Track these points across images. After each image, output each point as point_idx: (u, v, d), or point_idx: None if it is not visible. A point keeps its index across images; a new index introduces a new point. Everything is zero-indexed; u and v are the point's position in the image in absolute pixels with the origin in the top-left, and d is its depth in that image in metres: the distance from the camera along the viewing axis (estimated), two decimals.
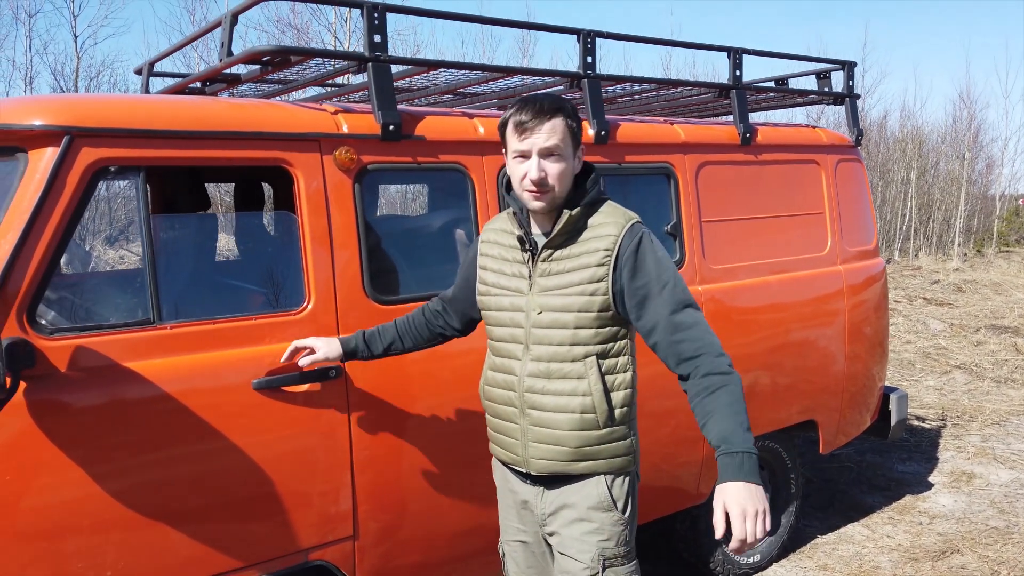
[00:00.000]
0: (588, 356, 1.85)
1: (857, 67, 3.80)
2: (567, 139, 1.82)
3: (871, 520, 4.21)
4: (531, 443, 1.92)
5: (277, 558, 2.20)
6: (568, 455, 1.88)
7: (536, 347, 1.88)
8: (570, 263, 1.86)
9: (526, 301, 1.89)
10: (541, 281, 1.88)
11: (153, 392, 1.99)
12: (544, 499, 1.96)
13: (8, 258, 1.83)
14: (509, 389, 1.94)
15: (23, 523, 1.85)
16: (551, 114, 1.80)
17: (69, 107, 1.97)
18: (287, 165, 2.22)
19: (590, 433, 1.87)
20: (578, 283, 1.84)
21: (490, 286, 1.98)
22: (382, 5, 2.34)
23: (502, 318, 1.94)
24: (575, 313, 1.83)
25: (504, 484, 2.08)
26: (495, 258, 1.99)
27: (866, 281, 3.85)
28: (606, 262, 1.82)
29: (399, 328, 2.18)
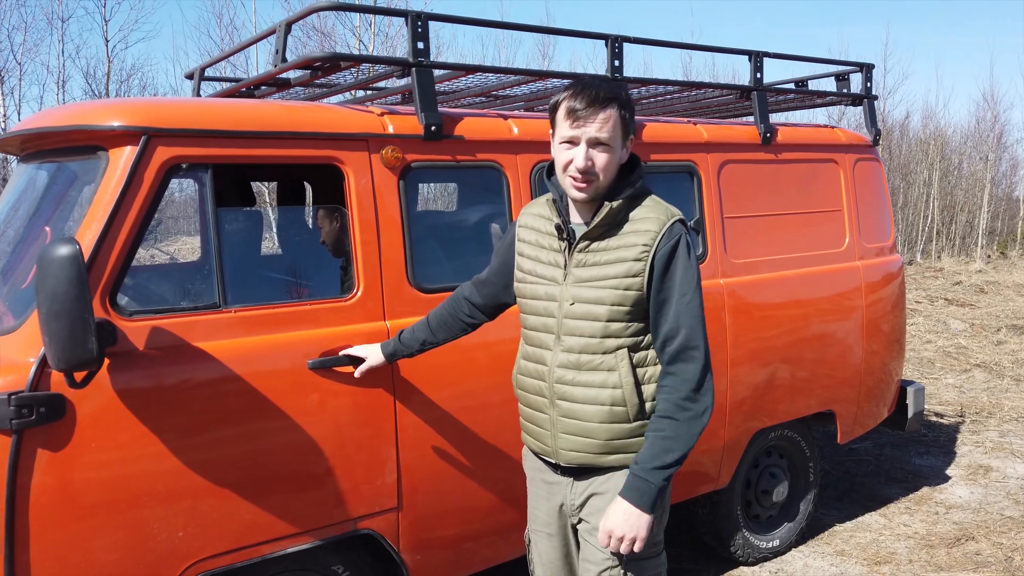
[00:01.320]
0: (619, 349, 1.84)
1: (876, 68, 3.92)
2: (618, 130, 1.79)
3: (888, 510, 4.33)
4: (560, 434, 1.92)
5: (329, 525, 2.37)
6: (598, 448, 1.88)
7: (568, 338, 1.87)
8: (607, 255, 1.83)
9: (560, 291, 1.88)
10: (576, 272, 1.86)
11: (218, 370, 2.17)
12: (573, 490, 1.97)
13: (94, 246, 2.02)
14: (540, 379, 1.94)
15: (104, 488, 2.03)
16: (606, 104, 1.76)
17: (145, 109, 2.16)
18: (338, 163, 2.40)
19: (620, 426, 1.86)
20: (613, 276, 1.82)
21: (526, 273, 1.97)
22: (425, 14, 2.51)
23: (536, 307, 1.94)
24: (608, 306, 1.82)
25: (534, 473, 2.09)
26: (531, 244, 1.97)
27: (883, 277, 3.97)
28: (643, 258, 1.80)
29: (431, 324, 2.25)
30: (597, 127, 1.77)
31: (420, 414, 2.51)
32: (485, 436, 2.64)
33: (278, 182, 3.64)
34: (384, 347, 2.29)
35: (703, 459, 3.32)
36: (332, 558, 2.46)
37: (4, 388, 1.90)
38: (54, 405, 1.95)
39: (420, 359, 2.48)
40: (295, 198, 3.55)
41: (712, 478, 3.40)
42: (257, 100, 2.62)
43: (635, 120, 1.87)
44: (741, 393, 3.36)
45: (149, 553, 2.10)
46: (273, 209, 3.98)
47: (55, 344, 1.77)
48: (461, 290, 2.24)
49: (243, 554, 2.24)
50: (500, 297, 2.16)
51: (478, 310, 2.21)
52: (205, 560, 2.18)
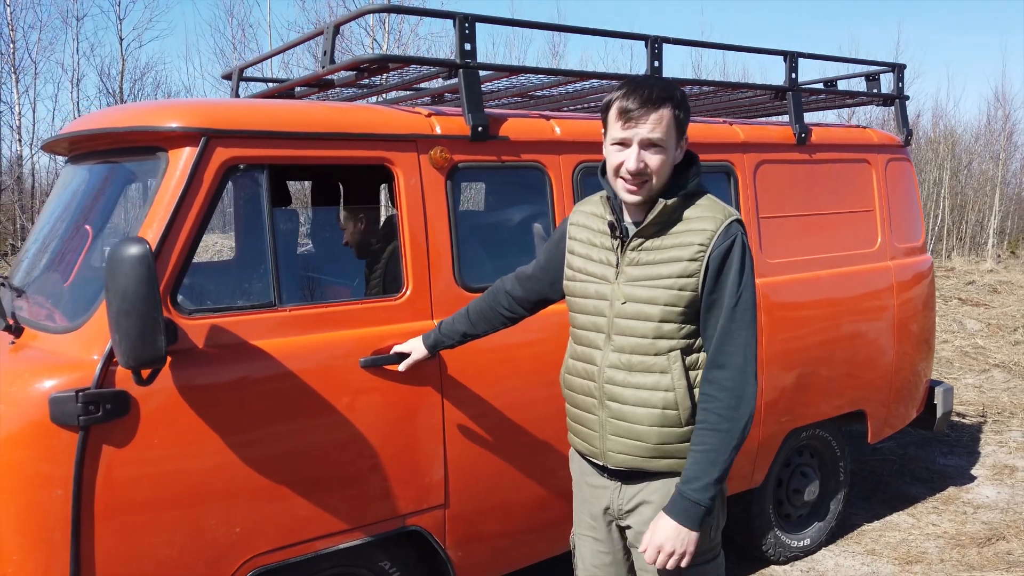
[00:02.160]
0: (672, 351, 1.80)
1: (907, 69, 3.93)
2: (671, 130, 1.75)
3: (916, 509, 4.34)
4: (609, 436, 1.87)
5: (379, 522, 2.40)
6: (647, 451, 1.84)
7: (619, 338, 1.83)
8: (661, 255, 1.79)
9: (611, 290, 1.84)
10: (629, 270, 1.82)
11: (275, 367, 2.20)
12: (622, 494, 1.92)
13: (155, 247, 2.05)
14: (589, 379, 1.91)
15: (166, 484, 2.06)
16: (659, 104, 1.72)
17: (204, 111, 2.19)
18: (389, 164, 2.43)
19: (671, 430, 1.81)
20: (667, 276, 1.78)
21: (576, 271, 1.94)
22: (472, 16, 2.54)
23: (586, 305, 1.90)
24: (661, 306, 1.78)
25: (580, 477, 2.05)
26: (583, 242, 1.94)
27: (914, 277, 3.98)
28: (699, 257, 1.76)
29: (471, 316, 2.24)
30: (650, 128, 1.73)
31: (467, 412, 2.53)
32: (529, 433, 2.66)
33: (312, 182, 3.67)
34: (425, 339, 2.30)
35: (738, 459, 3.32)
36: (380, 555, 2.49)
37: (71, 385, 1.94)
38: (119, 402, 1.98)
39: (466, 358, 2.51)
40: (330, 198, 3.58)
41: (746, 477, 3.42)
42: (309, 101, 2.66)
43: (690, 120, 1.84)
44: (775, 393, 3.38)
45: (207, 548, 2.13)
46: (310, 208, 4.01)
47: (126, 342, 1.80)
48: (502, 283, 2.21)
49: (297, 550, 2.27)
50: (544, 293, 2.12)
51: (518, 304, 2.17)
52: (261, 555, 2.21)
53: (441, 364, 2.48)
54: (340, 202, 3.63)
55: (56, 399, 1.91)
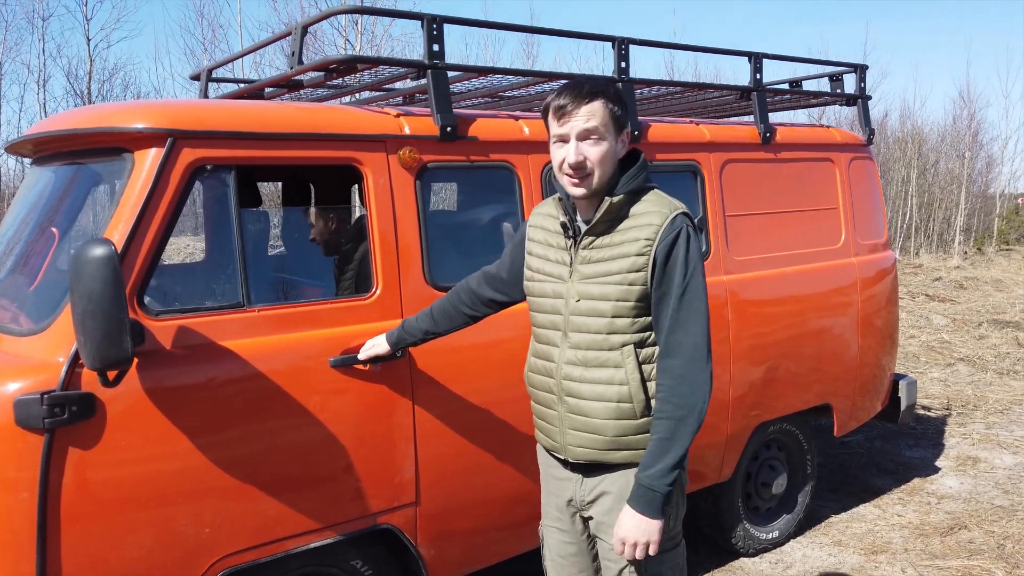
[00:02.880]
0: (625, 345, 1.84)
1: (869, 70, 4.01)
2: (607, 122, 1.80)
3: (882, 501, 4.43)
4: (568, 430, 1.92)
5: (350, 521, 2.41)
6: (605, 444, 1.88)
7: (574, 335, 1.88)
8: (610, 251, 1.84)
9: (566, 288, 1.89)
10: (582, 268, 1.87)
11: (243, 368, 2.20)
12: (583, 486, 1.97)
13: (122, 247, 2.05)
14: (548, 376, 1.96)
15: (133, 485, 2.06)
16: (590, 97, 1.78)
17: (171, 111, 2.19)
18: (358, 164, 2.44)
19: (627, 423, 1.86)
20: (617, 272, 1.82)
21: (534, 271, 1.99)
22: (440, 17, 2.55)
23: (544, 304, 1.95)
24: (613, 302, 1.82)
25: (546, 469, 2.10)
26: (540, 243, 1.99)
27: (877, 273, 4.07)
28: (646, 252, 1.80)
29: (435, 315, 2.27)
30: (584, 119, 1.78)
31: (437, 410, 2.55)
32: (500, 431, 2.69)
33: (283, 183, 3.67)
34: (389, 336, 2.32)
35: (707, 453, 3.39)
36: (352, 553, 2.50)
37: (36, 387, 1.93)
38: (85, 404, 1.97)
39: (437, 356, 2.52)
40: (300, 198, 3.58)
41: (715, 471, 3.47)
42: (278, 102, 2.65)
43: (628, 116, 1.88)
44: (743, 388, 3.43)
45: (177, 549, 2.13)
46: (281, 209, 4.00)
47: (91, 344, 1.79)
48: (467, 282, 2.25)
49: (267, 549, 2.27)
50: (507, 293, 2.17)
51: (481, 304, 2.21)
52: (231, 556, 2.21)
53: (411, 363, 2.49)
54: (312, 203, 3.63)
55: (21, 402, 1.90)
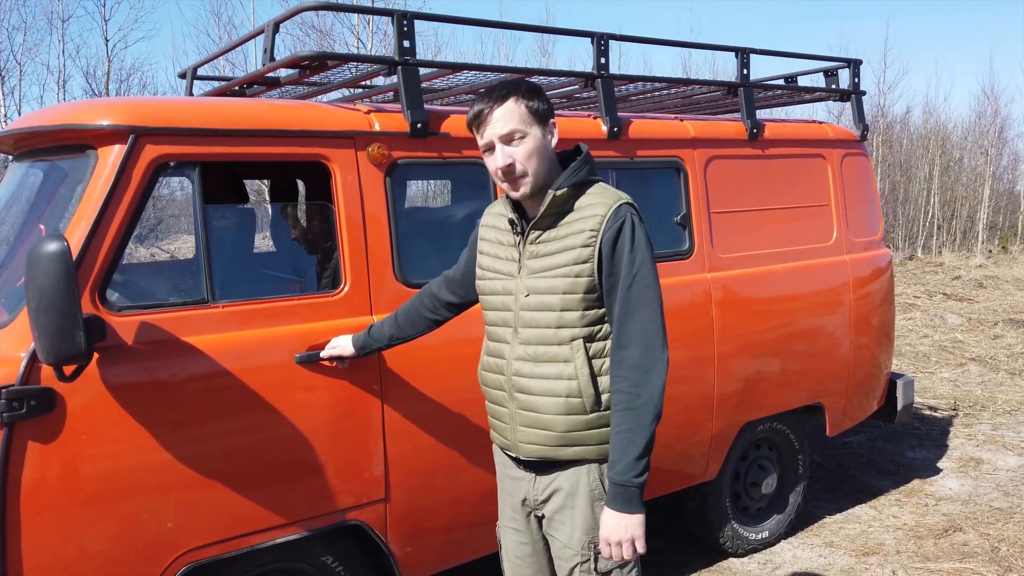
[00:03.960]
0: (575, 339, 1.83)
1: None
2: (526, 119, 1.79)
3: (878, 502, 4.37)
4: (519, 427, 1.91)
5: (317, 516, 2.42)
6: (555, 440, 1.87)
7: (524, 330, 1.88)
8: (556, 245, 1.83)
9: (515, 284, 1.89)
10: (529, 263, 1.87)
11: (207, 364, 2.21)
12: (536, 485, 1.96)
13: (83, 243, 2.06)
14: (499, 373, 1.95)
15: (94, 480, 2.07)
16: (500, 99, 1.78)
17: (133, 108, 2.20)
18: (325, 160, 2.44)
19: (577, 418, 1.85)
20: (563, 264, 1.82)
21: (485, 270, 1.99)
22: (411, 13, 2.55)
23: (494, 302, 1.96)
24: (561, 295, 1.82)
25: (502, 469, 2.09)
26: (491, 242, 2.00)
27: (872, 271, 4.00)
28: (591, 243, 1.79)
29: (399, 320, 2.27)
30: (501, 123, 1.78)
31: (406, 408, 2.55)
32: (472, 430, 2.68)
33: (271, 180, 3.68)
34: (355, 340, 2.32)
35: (691, 452, 3.36)
36: (322, 549, 2.50)
37: None
38: (44, 399, 1.99)
39: (406, 354, 2.52)
40: (287, 196, 3.59)
41: (699, 471, 3.43)
42: (246, 99, 2.67)
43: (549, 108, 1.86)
44: (728, 386, 3.40)
45: (139, 543, 2.14)
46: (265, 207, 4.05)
47: (44, 338, 1.81)
48: (429, 286, 2.26)
49: (231, 544, 2.28)
50: (465, 295, 2.18)
51: (442, 307, 2.22)
52: (194, 551, 2.22)
53: (380, 360, 2.49)
54: (297, 201, 3.64)
55: None
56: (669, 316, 3.11)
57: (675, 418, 3.24)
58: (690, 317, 3.26)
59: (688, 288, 3.26)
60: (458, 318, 2.30)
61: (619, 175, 3.08)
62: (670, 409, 3.22)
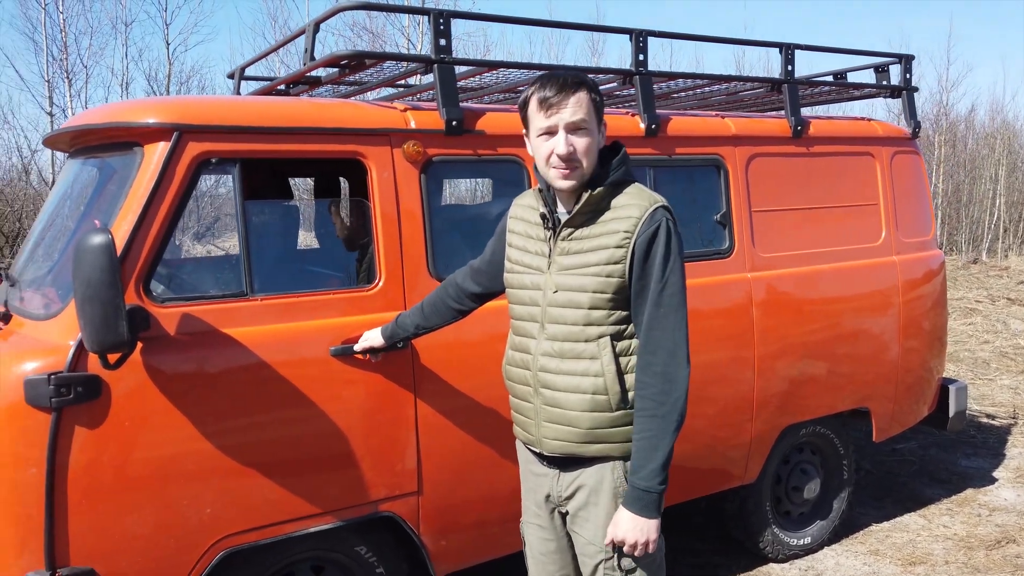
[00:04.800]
0: (602, 337, 1.83)
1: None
2: (592, 113, 1.80)
3: (928, 511, 4.23)
4: (543, 423, 1.91)
5: (351, 507, 2.46)
6: (580, 436, 1.87)
7: (551, 326, 1.88)
8: (589, 243, 1.84)
9: (544, 279, 1.89)
10: (560, 260, 1.87)
11: (245, 355, 2.28)
12: (560, 481, 1.96)
13: (128, 236, 2.14)
14: (524, 368, 1.95)
15: (137, 465, 2.15)
16: (575, 88, 1.78)
17: (178, 107, 2.28)
18: (361, 157, 2.49)
19: (602, 415, 1.85)
20: (595, 263, 1.82)
21: (514, 263, 1.99)
22: (447, 12, 2.58)
23: (522, 296, 1.95)
24: (590, 294, 1.82)
25: (525, 465, 2.09)
26: (520, 235, 1.99)
27: (922, 271, 3.89)
28: (625, 244, 1.80)
29: (425, 310, 2.29)
30: (571, 111, 1.78)
31: (439, 402, 2.57)
32: (504, 425, 2.67)
33: (314, 177, 3.76)
34: (384, 330, 2.35)
35: (729, 453, 3.31)
36: (355, 539, 2.55)
37: (45, 369, 2.04)
38: (91, 385, 2.07)
39: (439, 349, 2.55)
40: (329, 193, 3.66)
41: (739, 473, 3.38)
42: (285, 98, 2.73)
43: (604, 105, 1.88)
44: (769, 388, 3.34)
45: (178, 528, 2.22)
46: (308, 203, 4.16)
47: (89, 328, 1.89)
48: (454, 276, 2.26)
49: (267, 532, 2.34)
50: (490, 286, 2.18)
51: (467, 297, 2.23)
52: (230, 536, 2.29)
53: (414, 354, 2.52)
54: (330, 196, 3.71)
55: (30, 382, 2.01)
56: (708, 316, 3.13)
57: (713, 419, 3.21)
58: (729, 317, 3.21)
59: (728, 288, 3.22)
60: (493, 314, 2.32)
61: (656, 173, 3.05)
62: (708, 409, 3.20)
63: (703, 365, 3.08)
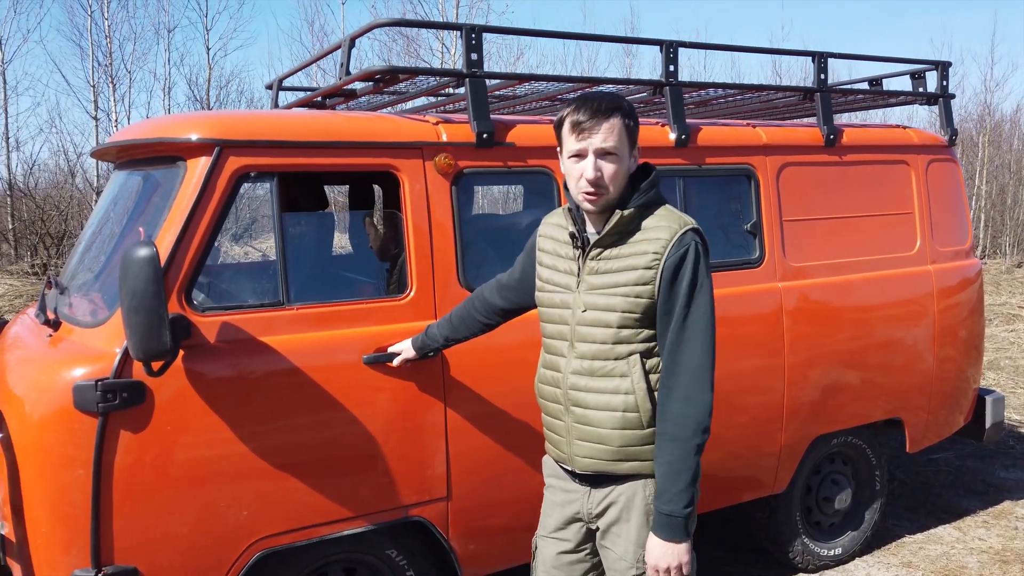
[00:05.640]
0: (632, 354, 1.85)
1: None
2: (624, 139, 1.82)
3: (963, 523, 4.17)
4: (575, 441, 1.93)
5: (382, 511, 2.52)
6: (611, 454, 1.88)
7: (580, 344, 1.89)
8: (618, 263, 1.85)
9: (573, 298, 1.91)
10: (589, 279, 1.89)
11: (282, 362, 2.35)
12: (591, 499, 1.97)
13: (171, 248, 2.23)
14: (555, 386, 1.97)
15: (178, 468, 2.24)
16: (608, 114, 1.79)
17: (219, 122, 2.36)
18: (394, 170, 2.55)
19: (633, 432, 1.86)
20: (624, 284, 1.83)
21: (545, 281, 2.01)
22: (479, 27, 2.63)
23: (552, 315, 1.97)
24: (619, 313, 1.84)
25: (553, 480, 2.09)
26: (550, 253, 2.01)
27: (958, 280, 3.84)
28: (654, 266, 1.81)
29: (454, 321, 2.33)
30: (602, 137, 1.80)
31: (469, 409, 2.62)
32: (532, 433, 2.72)
33: (350, 187, 3.84)
34: (414, 341, 2.40)
35: (759, 462, 3.31)
36: (386, 543, 2.61)
37: (92, 375, 2.13)
38: (135, 391, 2.16)
39: (469, 357, 2.60)
40: (365, 203, 3.73)
41: (768, 482, 3.38)
42: (321, 112, 2.81)
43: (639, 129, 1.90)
44: (799, 397, 3.33)
45: (217, 528, 2.30)
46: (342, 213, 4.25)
47: (134, 336, 1.97)
48: (481, 290, 2.30)
49: (302, 534, 2.41)
50: (518, 302, 2.21)
51: (494, 312, 2.26)
52: (267, 538, 2.36)
53: (444, 362, 2.58)
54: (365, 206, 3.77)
55: (78, 387, 2.11)
56: (737, 325, 3.13)
57: (743, 428, 3.21)
58: (759, 326, 3.21)
59: (757, 297, 3.22)
60: (524, 322, 2.35)
61: (686, 183, 3.07)
62: (738, 418, 3.20)
63: (733, 374, 3.09)
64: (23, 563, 2.23)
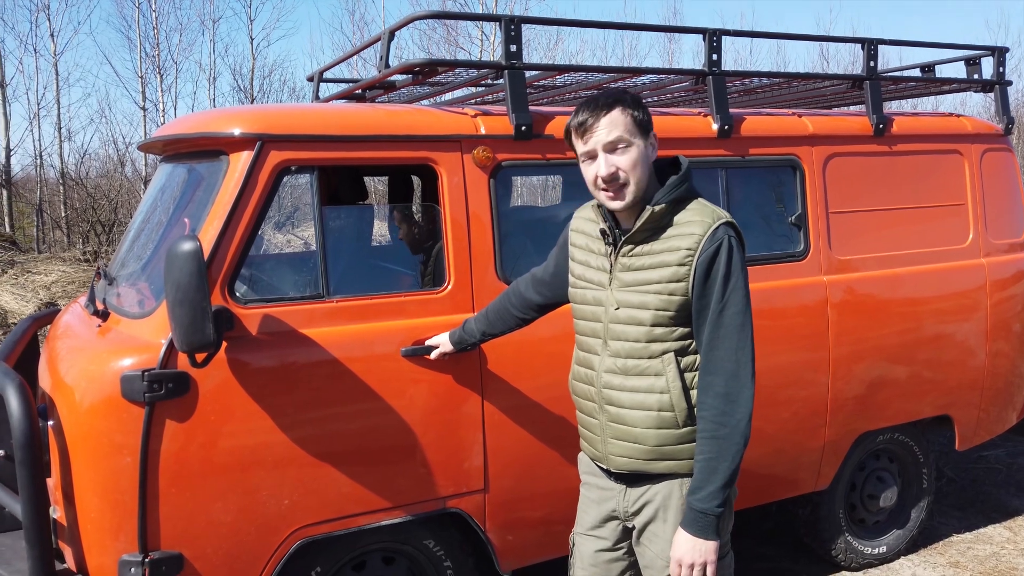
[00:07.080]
0: (666, 353, 1.82)
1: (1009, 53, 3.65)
2: (631, 128, 1.78)
3: (1015, 522, 4.06)
4: (610, 440, 1.91)
5: (419, 502, 2.54)
6: (646, 453, 1.87)
7: (614, 343, 1.87)
8: (650, 259, 1.82)
9: (606, 296, 1.89)
10: (621, 276, 1.86)
11: (322, 354, 2.38)
12: (627, 497, 1.96)
13: (215, 241, 2.27)
14: (589, 384, 1.95)
15: (221, 457, 2.28)
16: (608, 107, 1.78)
17: (260, 117, 2.39)
18: (433, 163, 2.55)
19: (669, 432, 1.84)
20: (657, 281, 1.81)
21: (577, 278, 2.00)
22: (518, 18, 2.61)
23: (585, 312, 1.95)
24: (652, 311, 1.81)
25: (589, 478, 2.08)
26: (582, 248, 1.99)
27: (1012, 273, 3.71)
28: (688, 262, 1.78)
29: (490, 316, 2.33)
30: (606, 131, 1.78)
31: (506, 401, 2.62)
32: (569, 427, 2.71)
33: (389, 179, 3.86)
34: (452, 335, 2.41)
35: (801, 458, 3.26)
36: (424, 533, 2.63)
37: (139, 366, 2.18)
38: (180, 382, 2.21)
39: (507, 350, 2.59)
40: (405, 195, 3.75)
41: (811, 479, 3.32)
42: (361, 105, 2.82)
43: (650, 119, 1.85)
44: (844, 393, 3.26)
45: (259, 516, 2.34)
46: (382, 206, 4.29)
47: (178, 328, 2.01)
48: (517, 284, 2.29)
49: (341, 523, 2.45)
50: (552, 297, 2.20)
51: (528, 307, 2.25)
52: (308, 527, 2.40)
53: (481, 355, 2.58)
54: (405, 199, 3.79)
55: (126, 377, 2.16)
56: (780, 318, 3.08)
57: (785, 423, 3.16)
58: (803, 321, 3.15)
59: (802, 291, 3.15)
60: (560, 314, 2.34)
61: (729, 174, 3.01)
62: (781, 413, 3.15)
63: (775, 368, 3.04)
64: (74, 547, 2.30)
